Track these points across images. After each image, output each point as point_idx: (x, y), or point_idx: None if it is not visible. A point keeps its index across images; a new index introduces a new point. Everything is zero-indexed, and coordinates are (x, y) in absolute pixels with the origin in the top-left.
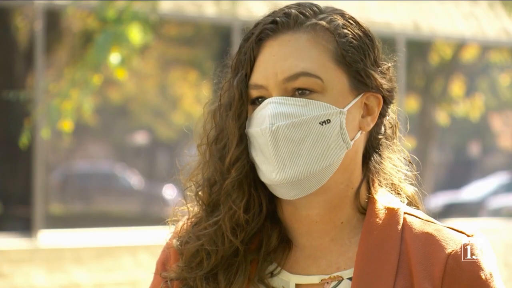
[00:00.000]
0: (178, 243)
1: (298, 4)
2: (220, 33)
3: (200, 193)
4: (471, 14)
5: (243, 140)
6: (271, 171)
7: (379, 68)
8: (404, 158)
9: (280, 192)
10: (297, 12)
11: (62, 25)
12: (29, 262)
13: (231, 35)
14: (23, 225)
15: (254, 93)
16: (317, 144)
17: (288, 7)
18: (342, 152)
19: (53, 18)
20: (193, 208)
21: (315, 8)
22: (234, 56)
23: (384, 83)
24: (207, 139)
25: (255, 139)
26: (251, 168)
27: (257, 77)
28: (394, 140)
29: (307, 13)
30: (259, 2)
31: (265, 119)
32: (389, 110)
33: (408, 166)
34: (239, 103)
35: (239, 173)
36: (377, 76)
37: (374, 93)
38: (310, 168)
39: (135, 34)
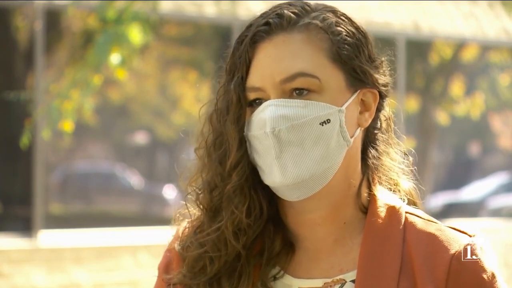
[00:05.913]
0: (179, 248)
1: (289, 4)
2: (220, 33)
3: (201, 196)
4: (471, 14)
5: (243, 144)
6: (274, 173)
7: (374, 63)
8: (400, 151)
9: (284, 194)
10: (289, 12)
11: (62, 25)
12: (29, 262)
13: (231, 35)
14: (23, 225)
15: (251, 95)
16: (318, 145)
17: (279, 7)
18: (343, 151)
19: (53, 18)
20: (195, 210)
21: (307, 7)
22: (228, 59)
23: (379, 78)
24: (205, 143)
25: (256, 142)
26: (251, 171)
27: (253, 80)
28: (390, 133)
29: (299, 13)
30: (259, 2)
31: (265, 123)
32: (384, 104)
33: (404, 158)
34: (237, 106)
35: (240, 177)
36: (372, 72)
37: (370, 89)
38: (313, 169)
39: (135, 34)
